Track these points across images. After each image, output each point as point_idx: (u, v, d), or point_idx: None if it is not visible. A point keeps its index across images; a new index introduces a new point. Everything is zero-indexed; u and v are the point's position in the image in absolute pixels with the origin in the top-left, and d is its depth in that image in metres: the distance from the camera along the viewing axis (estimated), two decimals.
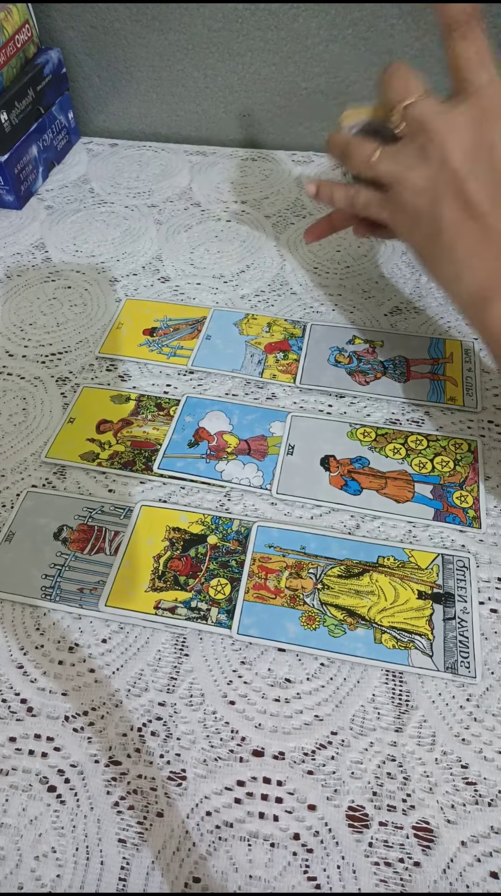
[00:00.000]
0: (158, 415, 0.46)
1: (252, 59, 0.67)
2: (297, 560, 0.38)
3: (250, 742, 0.32)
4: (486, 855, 0.29)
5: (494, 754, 0.32)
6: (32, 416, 0.47)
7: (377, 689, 0.34)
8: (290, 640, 0.35)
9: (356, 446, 0.44)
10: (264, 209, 0.64)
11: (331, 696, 0.34)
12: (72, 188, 0.69)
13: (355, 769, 0.31)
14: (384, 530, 0.40)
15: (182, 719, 0.33)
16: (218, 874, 0.29)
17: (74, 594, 0.37)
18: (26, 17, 0.65)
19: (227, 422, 0.46)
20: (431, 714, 0.33)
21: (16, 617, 0.37)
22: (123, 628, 0.37)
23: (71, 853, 0.30)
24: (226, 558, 0.38)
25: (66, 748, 0.32)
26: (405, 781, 0.31)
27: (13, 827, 0.30)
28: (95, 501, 0.42)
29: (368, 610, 0.36)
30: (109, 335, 0.52)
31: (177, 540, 0.39)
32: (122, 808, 0.31)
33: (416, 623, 0.35)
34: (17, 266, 0.60)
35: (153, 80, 0.71)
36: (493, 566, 0.38)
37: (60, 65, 0.69)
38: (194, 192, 0.67)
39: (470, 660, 0.34)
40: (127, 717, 0.33)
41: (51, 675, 0.35)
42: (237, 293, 0.56)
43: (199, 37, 0.67)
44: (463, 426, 0.45)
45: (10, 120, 0.61)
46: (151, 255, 0.60)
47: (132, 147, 0.74)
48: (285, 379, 0.48)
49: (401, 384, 0.47)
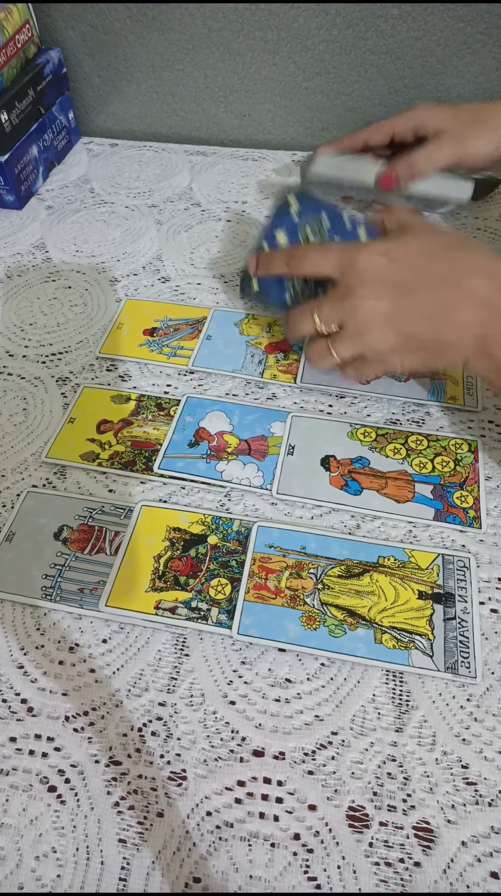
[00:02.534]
0: (159, 415, 0.46)
1: (252, 59, 0.67)
2: (297, 560, 0.38)
3: (251, 742, 0.32)
4: (486, 855, 0.29)
5: (494, 754, 0.32)
6: (33, 416, 0.47)
7: (378, 690, 0.34)
8: (290, 641, 0.35)
9: (357, 446, 0.44)
10: (264, 209, 0.64)
11: (331, 697, 0.34)
12: (72, 188, 0.69)
13: (355, 769, 0.31)
14: (384, 530, 0.40)
15: (182, 719, 0.33)
16: (218, 874, 0.29)
17: (74, 594, 0.37)
18: (26, 17, 0.65)
19: (227, 422, 0.46)
20: (431, 714, 0.33)
21: (16, 617, 0.37)
22: (123, 628, 0.37)
23: (71, 853, 0.30)
24: (226, 558, 0.38)
25: (66, 748, 0.32)
26: (406, 781, 0.31)
27: (13, 827, 0.30)
28: (96, 501, 0.42)
29: (368, 610, 0.36)
30: (109, 335, 0.52)
31: (177, 540, 0.39)
32: (122, 808, 0.31)
33: (416, 623, 0.35)
34: (18, 266, 0.60)
35: (153, 80, 0.71)
36: (493, 566, 0.38)
37: (61, 65, 0.69)
38: (195, 192, 0.67)
39: (471, 660, 0.34)
40: (127, 717, 0.33)
41: (51, 675, 0.35)
42: (238, 293, 0.56)
43: (199, 37, 0.67)
44: (464, 426, 0.45)
45: (10, 120, 0.61)
46: (151, 255, 0.60)
47: (132, 147, 0.74)
48: (286, 379, 0.48)
49: (402, 384, 0.47)
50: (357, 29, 0.63)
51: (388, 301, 0.38)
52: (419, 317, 0.38)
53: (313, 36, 0.64)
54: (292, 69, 0.67)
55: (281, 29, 0.64)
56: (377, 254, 0.39)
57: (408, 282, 0.38)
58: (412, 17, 0.61)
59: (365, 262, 0.38)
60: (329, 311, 0.40)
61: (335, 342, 0.40)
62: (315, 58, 0.66)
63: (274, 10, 0.63)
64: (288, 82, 0.68)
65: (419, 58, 0.64)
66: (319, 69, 0.67)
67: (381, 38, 0.63)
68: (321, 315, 0.40)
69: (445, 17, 0.61)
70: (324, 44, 0.65)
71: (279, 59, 0.67)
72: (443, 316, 0.37)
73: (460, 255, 0.38)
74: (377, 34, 0.63)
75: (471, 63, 0.64)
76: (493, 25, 0.61)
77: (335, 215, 0.47)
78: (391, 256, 0.38)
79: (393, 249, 0.39)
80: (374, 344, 0.39)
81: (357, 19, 0.62)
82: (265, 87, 0.69)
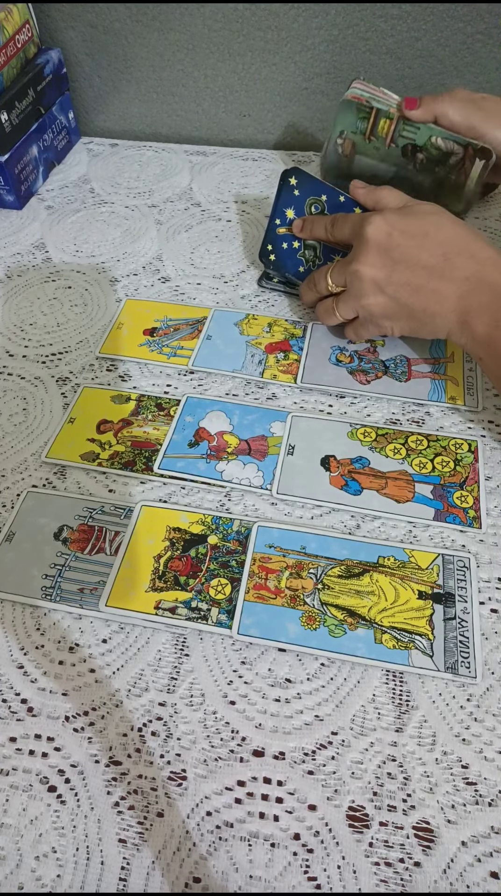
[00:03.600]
0: (159, 415, 0.46)
1: (252, 59, 0.67)
2: (297, 560, 0.38)
3: (251, 742, 0.32)
4: (486, 855, 0.29)
5: (494, 754, 0.32)
6: (33, 416, 0.47)
7: (378, 689, 0.34)
8: (290, 641, 0.35)
9: (357, 446, 0.44)
10: (265, 209, 0.64)
11: (331, 697, 0.34)
12: (72, 188, 0.69)
13: (355, 769, 0.31)
14: (384, 530, 0.40)
15: (183, 719, 0.33)
16: (218, 874, 0.29)
17: (74, 594, 0.37)
18: (26, 17, 0.65)
19: (227, 422, 0.46)
20: (431, 714, 0.33)
21: (16, 617, 0.37)
22: (123, 628, 0.37)
23: (71, 853, 0.30)
24: (226, 558, 0.38)
25: (66, 748, 0.32)
26: (406, 781, 0.31)
27: (13, 827, 0.30)
28: (96, 501, 0.42)
29: (368, 610, 0.36)
30: (109, 335, 0.52)
31: (177, 540, 0.39)
32: (122, 808, 0.31)
33: (416, 623, 0.35)
34: (18, 266, 0.60)
35: (153, 80, 0.71)
36: (493, 566, 0.38)
37: (61, 65, 0.69)
38: (195, 192, 0.67)
39: (471, 660, 0.34)
40: (127, 717, 0.33)
41: (51, 675, 0.35)
42: (238, 293, 0.56)
43: (199, 37, 0.67)
44: (464, 426, 0.45)
45: (10, 120, 0.61)
46: (151, 255, 0.60)
47: (132, 147, 0.74)
48: (286, 379, 0.48)
49: (402, 384, 0.47)
50: (357, 29, 0.63)
51: (384, 270, 0.42)
52: (409, 287, 0.42)
53: (313, 36, 0.64)
54: (292, 69, 0.67)
55: (281, 29, 0.64)
56: (385, 224, 0.43)
57: (404, 255, 0.42)
58: (412, 17, 0.61)
59: (372, 232, 0.43)
60: (337, 273, 0.46)
61: (338, 302, 0.47)
62: (315, 58, 0.66)
63: (274, 10, 0.63)
64: (288, 82, 0.68)
65: (419, 58, 0.64)
66: (319, 69, 0.67)
67: (381, 38, 0.63)
68: (333, 276, 0.46)
69: (445, 17, 0.61)
70: (324, 44, 0.65)
71: (279, 59, 0.67)
72: (429, 288, 0.41)
73: (453, 236, 0.42)
74: (377, 34, 0.63)
75: (471, 63, 0.64)
76: (493, 25, 0.61)
77: (332, 192, 0.50)
78: (397, 229, 0.42)
79: (399, 223, 0.43)
80: (368, 307, 0.44)
81: (357, 19, 0.62)
82: (265, 87, 0.69)
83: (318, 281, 0.48)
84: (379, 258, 0.42)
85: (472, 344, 0.41)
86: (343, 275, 0.45)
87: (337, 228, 0.47)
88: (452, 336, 0.42)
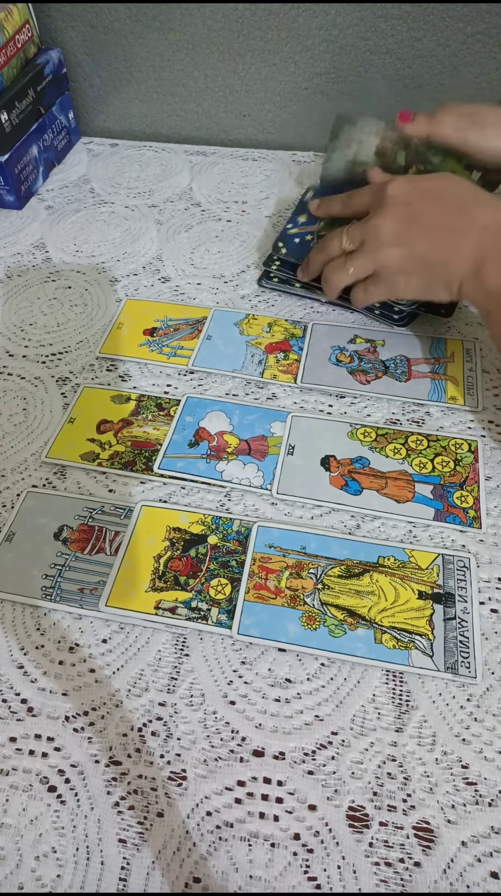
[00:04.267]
0: (159, 415, 0.46)
1: (252, 59, 0.67)
2: (297, 560, 0.38)
3: (251, 742, 0.32)
4: (486, 855, 0.29)
5: (494, 754, 0.32)
6: (33, 416, 0.47)
7: (378, 690, 0.34)
8: (290, 641, 0.35)
9: (357, 446, 0.44)
10: (264, 209, 0.64)
11: (331, 697, 0.34)
12: (72, 188, 0.69)
13: (355, 769, 0.31)
14: (384, 530, 0.40)
15: (182, 719, 0.33)
16: (218, 874, 0.29)
17: (74, 594, 0.37)
18: (26, 17, 0.65)
19: (227, 422, 0.46)
20: (431, 714, 0.33)
21: (16, 617, 0.37)
22: (123, 628, 0.37)
23: (71, 853, 0.30)
24: (226, 558, 0.38)
25: (66, 748, 0.32)
26: (406, 781, 0.31)
27: (13, 827, 0.30)
28: (96, 501, 0.42)
29: (368, 610, 0.36)
30: (109, 335, 0.52)
31: (177, 540, 0.39)
32: (122, 808, 0.31)
33: (416, 623, 0.35)
34: (18, 266, 0.60)
35: (153, 80, 0.71)
36: (493, 566, 0.38)
37: (61, 65, 0.69)
38: (195, 192, 0.67)
39: (471, 660, 0.34)
40: (127, 717, 0.33)
41: (51, 675, 0.35)
42: (238, 293, 0.56)
43: (199, 37, 0.67)
44: (464, 426, 0.45)
45: (10, 120, 0.61)
46: (151, 255, 0.60)
47: (132, 147, 0.74)
48: (286, 379, 0.48)
49: (402, 383, 0.47)
50: (357, 29, 0.63)
51: (402, 222, 0.43)
52: (426, 237, 0.43)
53: (313, 36, 0.64)
54: (292, 69, 0.67)
55: (281, 29, 0.64)
56: (405, 183, 0.44)
57: (424, 209, 0.43)
58: (412, 17, 0.61)
59: (393, 188, 0.44)
60: (355, 230, 0.46)
61: (351, 257, 0.46)
62: (315, 58, 0.66)
63: (274, 10, 0.63)
64: (288, 82, 0.68)
65: (419, 58, 0.64)
66: (319, 69, 0.67)
67: (381, 38, 0.63)
68: (349, 234, 0.46)
69: (445, 17, 0.61)
70: (324, 44, 0.65)
71: (279, 59, 0.67)
72: (446, 238, 0.42)
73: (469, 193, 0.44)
74: (377, 34, 0.63)
75: (471, 63, 0.63)
76: (493, 25, 0.61)
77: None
78: (417, 188, 0.44)
79: (421, 181, 0.45)
80: (382, 259, 0.44)
81: (357, 19, 0.62)
82: (265, 87, 0.69)
83: (330, 242, 0.48)
84: (399, 211, 0.43)
85: (482, 296, 0.42)
86: (361, 233, 0.45)
87: (355, 199, 0.48)
88: (464, 287, 0.42)
